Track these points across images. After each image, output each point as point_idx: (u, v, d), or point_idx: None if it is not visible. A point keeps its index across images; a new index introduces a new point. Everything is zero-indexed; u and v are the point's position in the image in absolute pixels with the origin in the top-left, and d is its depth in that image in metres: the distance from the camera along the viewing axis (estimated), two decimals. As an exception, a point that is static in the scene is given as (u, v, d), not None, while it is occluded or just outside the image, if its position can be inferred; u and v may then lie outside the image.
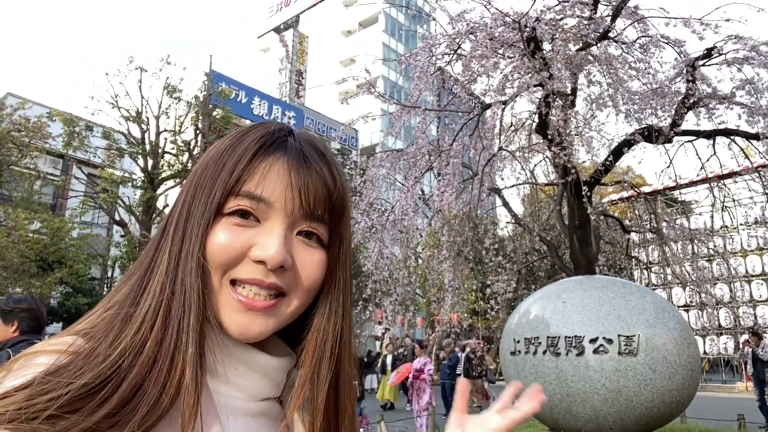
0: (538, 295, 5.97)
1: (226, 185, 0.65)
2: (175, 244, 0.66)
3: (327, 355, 0.70)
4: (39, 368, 0.54)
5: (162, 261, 0.65)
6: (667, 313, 5.02)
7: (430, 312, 18.52)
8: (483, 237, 8.35)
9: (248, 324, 0.65)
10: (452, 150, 7.20)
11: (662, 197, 12.86)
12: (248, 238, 0.65)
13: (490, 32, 6.92)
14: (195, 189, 0.67)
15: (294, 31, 46.90)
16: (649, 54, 7.30)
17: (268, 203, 0.66)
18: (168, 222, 0.69)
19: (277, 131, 0.71)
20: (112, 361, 0.56)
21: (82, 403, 0.52)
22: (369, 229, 7.93)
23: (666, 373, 4.71)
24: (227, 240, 0.65)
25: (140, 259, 0.69)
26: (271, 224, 0.66)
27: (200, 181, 0.68)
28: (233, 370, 0.67)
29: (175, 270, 0.64)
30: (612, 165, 7.49)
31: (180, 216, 0.67)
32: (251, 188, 0.65)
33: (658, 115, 7.02)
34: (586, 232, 7.65)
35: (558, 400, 5.06)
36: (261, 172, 0.66)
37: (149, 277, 0.65)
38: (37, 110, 19.37)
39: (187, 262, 0.64)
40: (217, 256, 0.64)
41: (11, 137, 16.50)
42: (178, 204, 0.69)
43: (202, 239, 0.65)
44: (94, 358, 0.56)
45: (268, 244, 0.65)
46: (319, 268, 0.69)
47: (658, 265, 15.05)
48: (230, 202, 0.66)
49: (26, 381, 0.52)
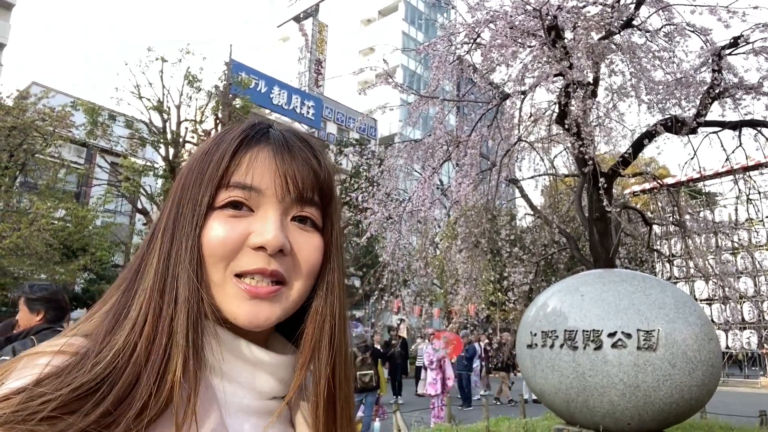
0: (556, 288, 5.91)
1: (214, 179, 0.66)
2: (165, 245, 0.66)
3: (326, 336, 0.71)
4: (40, 369, 0.55)
5: (151, 263, 0.66)
6: (688, 308, 4.93)
7: (447, 303, 18.52)
8: (500, 228, 8.27)
9: (255, 311, 0.66)
10: (470, 140, 7.13)
11: (686, 189, 12.63)
12: (244, 228, 0.66)
13: (510, 21, 6.82)
14: (182, 190, 0.68)
15: (314, 20, 46.85)
16: (674, 43, 7.13)
17: (259, 191, 0.67)
18: (156, 227, 0.69)
19: (257, 125, 0.73)
20: (108, 362, 0.56)
21: (79, 404, 0.52)
22: (386, 219, 7.91)
23: (686, 369, 4.63)
24: (224, 232, 0.65)
25: (130, 264, 0.69)
26: (264, 211, 0.67)
27: (186, 181, 0.68)
28: (238, 368, 0.68)
29: (165, 271, 0.64)
30: (633, 157, 7.36)
31: (168, 218, 0.68)
32: (240, 178, 0.66)
33: (682, 105, 6.87)
34: (606, 225, 7.54)
35: (575, 394, 5.02)
36: (247, 162, 0.67)
37: (140, 279, 0.66)
38: (60, 99, 19.64)
39: (178, 260, 0.64)
40: (216, 249, 0.65)
41: (35, 126, 16.77)
42: (166, 207, 0.70)
43: (195, 236, 0.65)
44: (90, 359, 0.57)
45: (265, 229, 0.65)
46: (317, 252, 0.70)
47: (681, 258, 14.82)
48: (221, 195, 0.66)
49: (26, 383, 0.52)
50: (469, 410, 13.82)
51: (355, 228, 17.32)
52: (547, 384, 5.32)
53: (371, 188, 8.54)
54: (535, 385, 5.58)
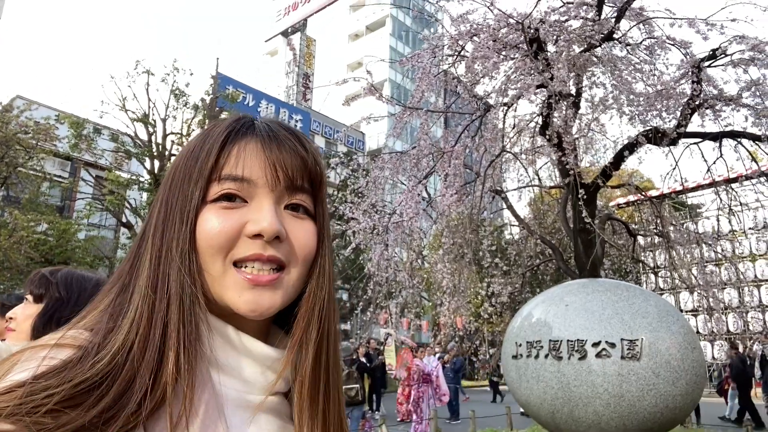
0: (540, 298, 5.90)
1: (204, 174, 0.67)
2: (155, 244, 0.67)
3: (315, 317, 0.72)
4: (43, 362, 0.55)
5: (144, 263, 0.67)
6: (671, 317, 4.94)
7: (435, 315, 18.44)
8: (482, 239, 8.28)
9: (257, 299, 0.67)
10: (454, 151, 7.15)
11: (670, 201, 12.75)
12: (240, 218, 0.67)
13: (493, 33, 6.88)
14: (170, 189, 0.69)
15: (301, 35, 47.09)
16: (655, 56, 7.23)
17: (250, 182, 0.68)
18: (146, 229, 0.70)
19: (242, 118, 0.74)
20: (108, 360, 0.57)
21: (82, 398, 0.53)
22: (371, 230, 7.89)
23: (670, 378, 4.63)
24: (220, 223, 0.66)
25: (121, 268, 0.70)
26: (258, 201, 0.68)
27: (174, 179, 0.70)
28: (238, 363, 0.68)
29: (157, 268, 0.65)
30: (614, 168, 7.41)
31: (158, 218, 0.68)
32: (230, 171, 0.67)
33: (663, 117, 6.95)
34: (590, 236, 7.57)
35: (560, 405, 4.99)
36: (236, 155, 0.68)
37: (134, 280, 0.66)
38: (44, 112, 19.43)
39: (169, 256, 0.65)
40: (214, 241, 0.66)
41: (18, 139, 16.58)
42: (155, 208, 0.70)
43: (187, 231, 0.66)
44: (91, 356, 0.57)
45: (260, 217, 0.66)
46: (312, 237, 0.72)
47: (666, 269, 14.93)
48: (213, 189, 0.67)
49: (28, 376, 0.53)
50: (457, 424, 13.72)
51: (342, 240, 17.30)
52: (532, 395, 5.29)
53: (356, 199, 8.52)
54: (520, 396, 5.54)
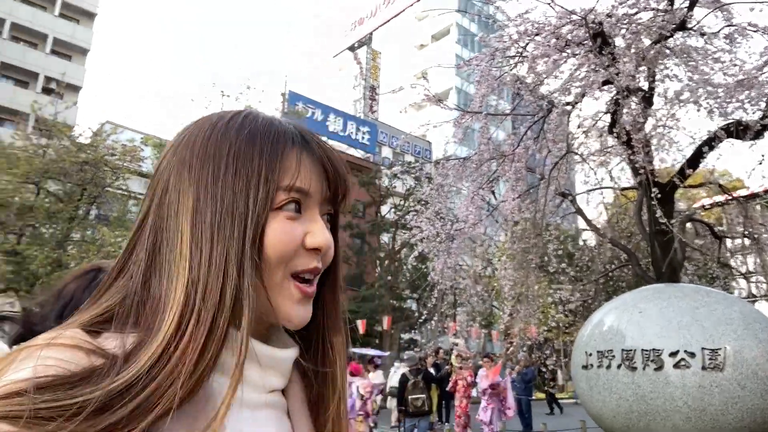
0: (612, 305, 5.61)
1: (272, 180, 0.65)
2: (201, 247, 0.62)
3: (341, 329, 0.77)
4: (41, 361, 0.53)
5: (178, 273, 0.62)
6: (759, 324, 4.54)
7: (506, 325, 17.98)
8: (546, 243, 7.96)
9: (306, 312, 0.68)
10: (516, 154, 6.94)
11: (761, 200, 11.82)
12: (302, 229, 0.67)
13: (555, 31, 6.65)
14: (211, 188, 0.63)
15: (368, 48, 47.89)
16: (735, 44, 6.73)
17: (308, 194, 0.68)
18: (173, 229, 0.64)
19: (286, 125, 0.71)
20: (137, 372, 0.55)
21: (109, 405, 0.52)
22: (435, 237, 7.80)
23: (757, 391, 4.25)
24: (288, 234, 0.66)
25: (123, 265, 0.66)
26: (312, 213, 0.69)
27: (225, 179, 0.64)
28: (248, 367, 0.66)
29: (207, 275, 0.60)
30: (691, 166, 6.93)
31: (198, 218, 0.63)
32: (296, 182, 0.66)
33: (746, 108, 6.43)
34: (668, 239, 7.11)
35: (636, 419, 4.70)
36: (295, 165, 0.67)
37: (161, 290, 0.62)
38: (128, 135, 20.78)
39: (225, 263, 0.61)
40: (280, 251, 0.65)
41: (105, 161, 17.77)
42: (186, 208, 0.64)
43: (258, 239, 0.63)
44: (114, 370, 0.55)
45: (317, 231, 0.67)
46: (335, 247, 0.73)
47: (758, 274, 13.81)
48: (279, 197, 0.65)
49: (27, 375, 0.51)
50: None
51: (410, 250, 17.20)
52: (605, 407, 5.01)
53: (422, 208, 8.47)
54: (591, 408, 5.27)
